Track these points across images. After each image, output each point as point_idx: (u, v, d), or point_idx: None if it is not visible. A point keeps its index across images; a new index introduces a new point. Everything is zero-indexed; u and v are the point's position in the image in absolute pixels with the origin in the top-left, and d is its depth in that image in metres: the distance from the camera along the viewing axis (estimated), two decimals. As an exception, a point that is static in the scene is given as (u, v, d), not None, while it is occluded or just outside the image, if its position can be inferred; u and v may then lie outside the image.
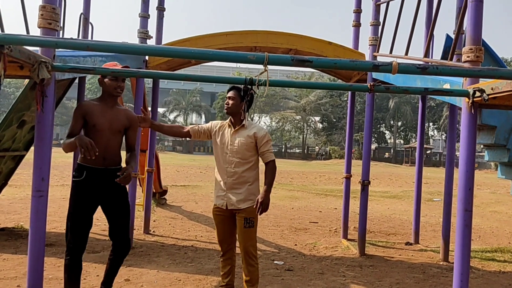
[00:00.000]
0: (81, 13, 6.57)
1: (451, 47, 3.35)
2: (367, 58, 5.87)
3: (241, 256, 3.56)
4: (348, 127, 6.86)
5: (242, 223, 3.50)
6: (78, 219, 3.19)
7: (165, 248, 5.74)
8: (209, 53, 2.20)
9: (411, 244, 6.68)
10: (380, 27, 5.56)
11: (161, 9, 6.43)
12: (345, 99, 54.57)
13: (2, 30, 3.30)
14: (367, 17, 6.17)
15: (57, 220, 7.20)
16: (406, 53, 4.44)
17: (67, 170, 15.61)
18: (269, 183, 3.49)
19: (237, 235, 3.61)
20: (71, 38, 2.31)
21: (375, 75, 5.46)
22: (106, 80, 3.22)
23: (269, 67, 2.36)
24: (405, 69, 2.18)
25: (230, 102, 3.54)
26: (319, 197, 12.90)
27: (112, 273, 3.41)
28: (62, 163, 18.97)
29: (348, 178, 6.82)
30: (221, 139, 3.62)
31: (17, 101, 5.18)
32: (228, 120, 3.65)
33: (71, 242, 3.19)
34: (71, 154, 7.57)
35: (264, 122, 59.94)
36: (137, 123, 3.49)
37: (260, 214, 3.45)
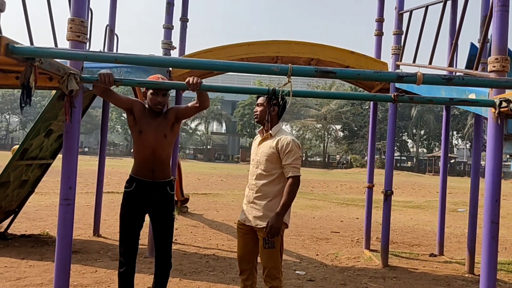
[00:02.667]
0: (107, 25, 6.74)
1: (477, 56, 3.31)
2: (390, 67, 5.83)
3: (263, 278, 3.27)
4: (371, 136, 6.81)
5: (262, 243, 3.20)
6: (127, 228, 3.32)
7: (187, 257, 5.78)
8: (234, 65, 2.23)
9: (435, 255, 6.56)
10: (403, 36, 5.53)
11: (184, 20, 6.53)
12: (367, 107, 54.11)
13: (31, 43, 3.42)
14: (389, 26, 6.17)
15: (81, 227, 7.32)
16: (430, 62, 4.41)
17: (91, 178, 15.87)
18: (284, 204, 3.10)
19: (259, 255, 3.34)
20: (100, 51, 2.37)
21: (398, 84, 5.42)
22: (148, 93, 3.27)
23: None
24: (430, 80, 2.17)
25: (259, 109, 3.33)
26: (340, 206, 12.79)
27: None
28: (87, 171, 19.29)
29: (370, 188, 6.75)
30: (252, 149, 3.48)
31: (45, 111, 5.32)
32: (260, 129, 3.45)
33: (121, 249, 3.32)
34: (96, 162, 7.72)
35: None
36: (178, 107, 3.44)
37: (270, 238, 3.11)
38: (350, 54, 5.77)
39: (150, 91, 3.25)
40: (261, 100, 3.34)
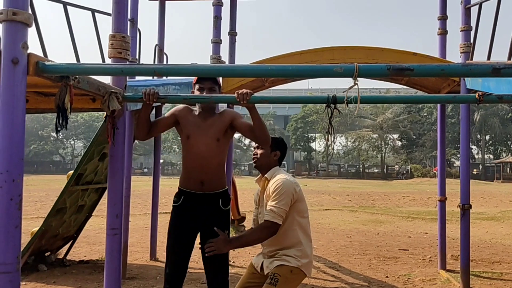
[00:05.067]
0: (156, 44, 6.68)
1: None
2: (458, 67, 5.29)
3: None
4: (439, 143, 6.22)
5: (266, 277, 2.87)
6: (174, 245, 3.04)
7: (246, 281, 5.45)
8: (289, 68, 1.91)
9: (522, 275, 5.83)
10: (472, 32, 5.00)
11: (233, 34, 6.35)
12: (425, 114, 52.06)
13: (78, 61, 3.29)
14: (453, 23, 5.65)
15: (139, 250, 7.21)
16: (510, 58, 3.88)
17: (150, 198, 16.02)
18: (240, 239, 2.92)
19: None
20: (137, 64, 2.13)
21: (469, 84, 4.88)
22: (194, 90, 2.99)
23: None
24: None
25: (259, 152, 2.97)
26: (405, 220, 12.03)
27: None
28: (146, 191, 19.58)
29: (443, 201, 6.14)
30: (254, 198, 3.14)
31: (97, 134, 5.25)
32: (258, 177, 3.07)
33: (167, 269, 3.03)
34: (151, 182, 7.63)
35: (339, 143, 58.85)
36: (238, 115, 3.03)
37: (206, 251, 2.82)
38: (412, 55, 5.29)
39: (197, 87, 2.93)
40: None
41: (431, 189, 26.42)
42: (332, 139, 2.88)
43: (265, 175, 2.96)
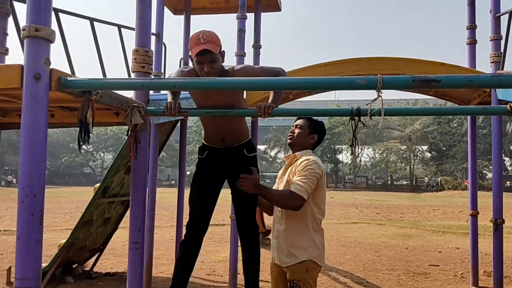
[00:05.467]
0: (181, 58, 6.74)
1: None
2: (489, 77, 5.12)
3: None
4: (470, 155, 6.01)
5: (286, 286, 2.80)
6: (197, 194, 3.06)
7: (271, 296, 5.36)
8: (310, 81, 1.88)
9: (562, 293, 5.55)
10: (502, 41, 4.85)
11: (257, 46, 6.35)
12: (455, 125, 50.86)
13: (104, 76, 3.33)
14: (482, 33, 5.50)
15: (164, 263, 7.23)
16: (544, 66, 3.73)
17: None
18: (268, 192, 2.75)
19: None
20: (157, 78, 2.14)
21: (501, 95, 4.72)
22: (194, 63, 2.88)
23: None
24: None
25: (296, 131, 2.95)
26: (436, 234, 11.69)
27: (249, 274, 3.10)
28: (172, 203, 19.61)
29: (474, 216, 5.93)
30: (277, 177, 3.10)
31: (123, 147, 5.32)
32: (288, 154, 3.05)
33: (189, 218, 3.05)
34: (175, 194, 7.68)
35: (367, 154, 58.07)
36: (251, 71, 2.94)
37: (237, 185, 2.75)
38: (440, 66, 5.16)
39: (195, 59, 2.80)
40: (301, 122, 2.98)
41: (463, 202, 25.69)
42: (357, 152, 2.82)
43: (295, 153, 2.92)
